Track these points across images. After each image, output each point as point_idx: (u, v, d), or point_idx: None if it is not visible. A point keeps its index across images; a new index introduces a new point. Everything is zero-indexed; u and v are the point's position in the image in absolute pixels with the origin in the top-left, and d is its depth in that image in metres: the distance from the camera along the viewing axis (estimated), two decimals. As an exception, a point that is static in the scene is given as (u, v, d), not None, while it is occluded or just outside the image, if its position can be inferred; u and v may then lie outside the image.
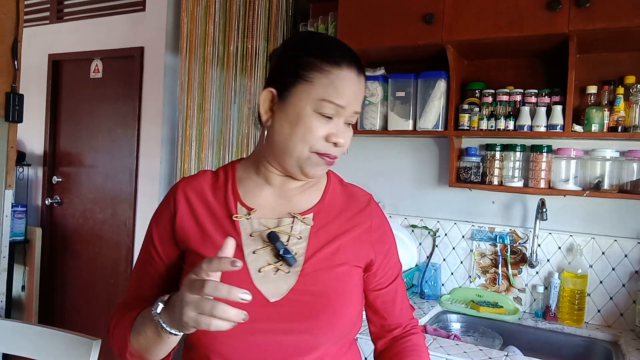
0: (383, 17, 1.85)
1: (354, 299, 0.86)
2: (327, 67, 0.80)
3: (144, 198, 2.89)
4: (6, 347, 1.36)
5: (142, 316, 0.78)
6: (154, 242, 0.88)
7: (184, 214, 0.85)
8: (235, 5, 2.48)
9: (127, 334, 0.79)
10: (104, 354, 1.30)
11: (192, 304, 0.63)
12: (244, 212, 0.85)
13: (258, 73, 2.43)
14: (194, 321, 0.63)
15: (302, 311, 0.79)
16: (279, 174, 0.87)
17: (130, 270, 2.92)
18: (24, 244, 3.26)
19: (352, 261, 0.86)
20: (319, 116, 0.80)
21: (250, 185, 0.88)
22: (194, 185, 0.88)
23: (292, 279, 0.80)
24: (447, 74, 1.89)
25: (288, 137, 0.82)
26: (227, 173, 0.90)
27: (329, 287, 0.82)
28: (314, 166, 0.83)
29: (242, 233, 0.83)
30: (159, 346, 0.74)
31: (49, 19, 3.32)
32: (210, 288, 0.62)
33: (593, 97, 1.75)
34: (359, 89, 0.83)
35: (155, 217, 0.90)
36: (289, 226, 0.85)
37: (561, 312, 1.81)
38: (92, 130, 3.16)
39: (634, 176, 1.68)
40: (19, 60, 2.13)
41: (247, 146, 2.48)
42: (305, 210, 0.87)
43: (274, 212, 0.86)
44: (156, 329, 0.71)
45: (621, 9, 1.48)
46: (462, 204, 2.06)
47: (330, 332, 0.80)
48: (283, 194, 0.88)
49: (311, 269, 0.82)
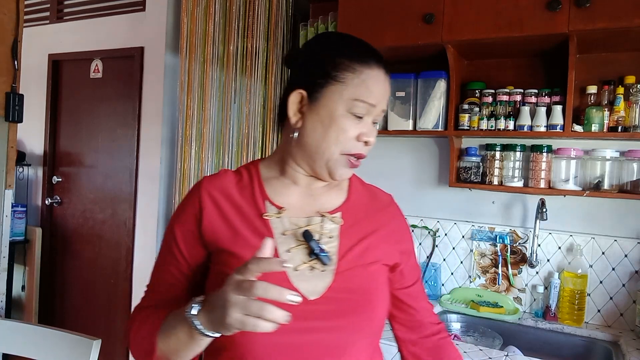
0: (383, 17, 1.85)
1: (386, 296, 0.88)
2: (358, 67, 0.81)
3: (144, 198, 2.89)
4: (6, 347, 1.36)
5: (172, 319, 0.76)
6: (178, 243, 0.85)
7: (210, 213, 0.84)
8: (235, 5, 2.48)
9: (154, 338, 0.76)
10: (104, 354, 1.30)
11: (238, 305, 0.62)
12: (274, 211, 0.84)
13: (258, 73, 2.44)
14: (239, 322, 0.62)
15: (341, 308, 0.79)
16: (305, 174, 0.88)
17: (131, 270, 2.92)
18: (24, 244, 3.26)
19: (382, 260, 0.87)
20: (351, 116, 0.81)
21: (276, 185, 0.88)
22: (218, 184, 0.86)
23: (328, 277, 0.80)
24: (447, 74, 1.89)
25: (321, 139, 0.82)
26: (250, 172, 0.89)
27: (365, 285, 0.83)
28: (342, 168, 0.84)
29: (274, 232, 0.83)
30: (191, 349, 0.73)
31: (49, 19, 3.32)
32: (261, 289, 0.61)
33: (593, 97, 1.75)
34: (386, 88, 0.85)
35: (178, 218, 0.87)
36: (319, 225, 0.85)
37: (561, 312, 1.81)
38: (92, 130, 3.16)
39: (634, 176, 1.68)
40: (19, 60, 2.13)
41: (247, 146, 2.48)
42: (332, 209, 0.88)
43: (303, 211, 0.86)
44: (189, 331, 0.70)
45: (621, 9, 1.48)
46: (462, 204, 2.06)
47: (367, 328, 0.82)
48: (310, 193, 0.89)
49: (345, 268, 0.82)
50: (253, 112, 2.46)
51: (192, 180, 2.61)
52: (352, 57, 0.82)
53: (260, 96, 2.44)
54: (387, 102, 0.87)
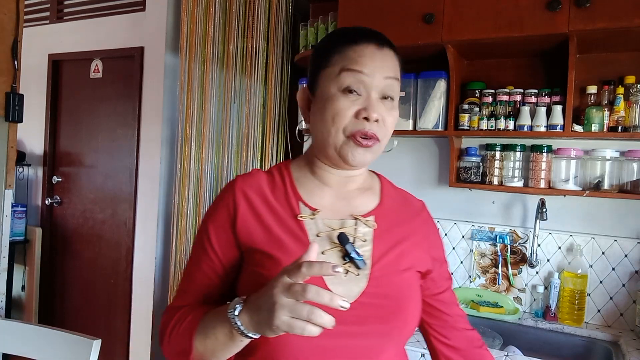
0: (383, 17, 1.85)
1: (419, 303, 0.86)
2: (343, 47, 0.81)
3: (144, 198, 2.89)
4: (6, 347, 1.36)
5: (211, 318, 0.75)
6: (212, 242, 0.84)
7: (245, 213, 0.83)
8: (235, 5, 2.48)
9: (192, 337, 0.75)
10: (104, 354, 1.30)
11: (287, 308, 0.61)
12: (308, 212, 0.84)
13: (258, 73, 2.44)
14: (287, 325, 0.61)
15: (375, 314, 0.78)
16: (333, 172, 0.87)
17: (131, 270, 2.92)
18: (24, 244, 3.26)
19: (415, 266, 0.86)
20: (345, 94, 0.79)
21: (309, 186, 0.87)
22: (252, 184, 0.86)
23: (363, 282, 0.79)
24: (447, 74, 1.89)
25: (322, 126, 0.82)
26: (282, 173, 0.88)
27: (400, 291, 0.82)
28: (351, 150, 0.80)
29: (309, 233, 0.82)
30: (229, 348, 0.73)
31: (49, 19, 3.32)
32: (312, 293, 0.60)
33: (593, 97, 1.75)
34: (381, 57, 0.81)
35: (212, 216, 0.86)
36: (352, 228, 0.84)
37: (561, 312, 1.81)
38: (92, 130, 3.16)
39: (634, 176, 1.68)
40: (19, 60, 2.13)
41: (247, 146, 2.48)
42: (366, 212, 0.87)
43: (336, 213, 0.85)
44: (230, 331, 0.69)
45: (621, 9, 1.48)
46: (462, 204, 2.06)
47: (399, 335, 0.81)
48: (342, 195, 0.88)
49: (379, 273, 0.81)
50: (253, 112, 2.46)
51: (192, 180, 2.61)
52: (338, 41, 0.83)
53: (260, 96, 2.44)
54: (395, 73, 0.82)
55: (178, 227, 2.65)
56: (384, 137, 0.82)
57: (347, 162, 0.82)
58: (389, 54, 0.82)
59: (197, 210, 2.61)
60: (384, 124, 0.81)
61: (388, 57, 0.82)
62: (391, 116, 0.82)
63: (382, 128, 0.81)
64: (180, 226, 2.64)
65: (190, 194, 2.62)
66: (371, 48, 0.81)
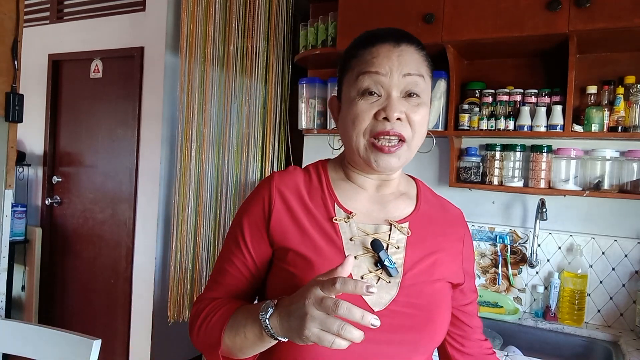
0: (383, 17, 1.85)
1: (448, 314, 0.85)
2: (360, 51, 0.81)
3: (144, 198, 2.89)
4: (6, 347, 1.36)
5: (242, 316, 0.75)
6: (245, 237, 0.84)
7: (280, 212, 0.82)
8: (235, 5, 2.48)
9: (221, 332, 0.76)
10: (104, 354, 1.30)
11: (317, 320, 0.61)
12: (343, 215, 0.83)
13: (258, 73, 2.44)
14: (316, 337, 0.61)
15: (404, 323, 0.78)
16: (367, 176, 0.86)
17: (131, 270, 2.92)
18: (24, 244, 3.26)
19: (447, 277, 0.85)
20: (364, 97, 0.78)
21: (345, 188, 0.86)
22: (289, 182, 0.85)
23: (394, 290, 0.79)
24: (447, 74, 1.89)
25: (345, 131, 0.82)
26: (319, 173, 0.88)
27: (431, 302, 0.81)
28: (373, 154, 0.79)
29: (343, 237, 0.81)
30: (257, 347, 0.73)
31: (49, 19, 3.32)
32: (344, 309, 0.60)
33: (593, 97, 1.75)
34: (398, 55, 0.79)
35: (246, 211, 0.85)
36: (386, 234, 0.83)
37: (561, 312, 1.81)
38: (92, 130, 3.16)
39: (634, 176, 1.68)
40: (19, 60, 2.13)
41: (247, 146, 2.48)
42: (401, 218, 0.85)
43: (371, 217, 0.84)
44: (260, 332, 0.69)
45: (621, 9, 1.48)
46: (462, 204, 2.04)
47: (429, 345, 0.80)
48: (378, 199, 0.87)
49: (411, 282, 0.80)
50: (253, 112, 2.46)
51: (192, 180, 2.61)
52: (356, 45, 0.83)
53: (260, 96, 2.44)
54: (418, 68, 0.80)
55: (178, 227, 2.65)
56: (411, 137, 0.80)
57: (372, 167, 0.81)
58: (408, 50, 0.80)
59: (197, 210, 2.61)
60: (410, 122, 0.79)
61: (406, 53, 0.80)
62: (417, 114, 0.79)
63: (407, 127, 0.79)
64: (180, 226, 2.64)
65: (191, 194, 2.62)
66: (387, 47, 0.79)
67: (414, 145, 0.82)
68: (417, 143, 0.83)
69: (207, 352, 0.79)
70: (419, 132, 0.81)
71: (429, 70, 0.83)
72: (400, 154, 0.80)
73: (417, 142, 0.82)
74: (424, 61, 0.82)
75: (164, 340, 2.87)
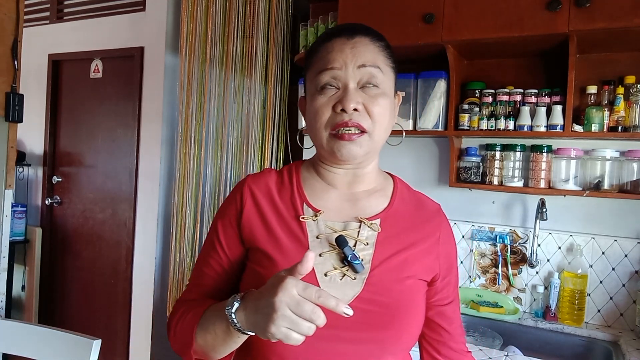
0: (383, 17, 1.85)
1: (420, 314, 0.84)
2: (318, 48, 0.84)
3: (144, 198, 2.89)
4: (6, 347, 1.36)
5: (211, 314, 0.76)
6: (220, 238, 0.86)
7: (250, 211, 0.84)
8: (235, 5, 2.48)
9: (193, 331, 0.76)
10: (104, 354, 1.30)
11: (287, 320, 0.61)
12: (311, 214, 0.83)
13: (258, 73, 2.43)
14: (284, 335, 0.62)
15: (368, 321, 0.77)
16: (338, 172, 0.87)
17: (131, 270, 2.93)
18: (24, 244, 3.26)
19: (419, 275, 0.83)
20: (323, 90, 0.80)
21: (315, 187, 0.87)
22: (260, 183, 0.87)
23: (358, 286, 0.78)
24: (447, 74, 1.89)
25: (310, 126, 0.84)
26: (291, 173, 0.89)
27: (397, 300, 0.79)
28: (337, 145, 0.80)
29: (309, 235, 0.81)
30: (227, 344, 0.73)
31: (49, 19, 3.32)
32: (316, 315, 0.61)
33: (593, 97, 1.75)
34: (350, 47, 0.80)
35: (221, 213, 0.88)
36: (355, 231, 0.82)
37: (561, 312, 1.81)
38: (92, 130, 3.16)
39: (634, 176, 1.68)
40: (19, 60, 2.13)
41: (246, 146, 2.48)
42: (372, 215, 0.85)
43: (340, 215, 0.84)
44: (227, 327, 0.70)
45: (621, 9, 1.48)
46: (462, 204, 2.06)
47: (396, 344, 0.79)
48: (349, 197, 0.87)
49: (377, 278, 0.79)
50: (253, 112, 2.46)
51: (192, 180, 2.61)
52: (316, 43, 0.85)
53: (260, 96, 2.44)
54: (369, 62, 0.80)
55: (178, 227, 2.65)
56: (372, 128, 0.80)
57: (337, 158, 0.82)
58: (362, 41, 0.81)
59: (197, 210, 2.61)
60: (369, 113, 0.79)
61: (360, 45, 0.80)
62: (376, 105, 0.79)
63: (366, 118, 0.79)
64: (180, 226, 2.64)
65: (190, 194, 2.62)
66: (341, 40, 0.81)
67: (376, 136, 0.81)
68: (380, 133, 0.82)
69: (182, 352, 0.80)
70: (379, 123, 0.80)
71: (388, 61, 0.83)
72: (362, 143, 0.80)
73: (379, 133, 0.81)
74: (380, 52, 0.82)
75: (164, 340, 2.87)
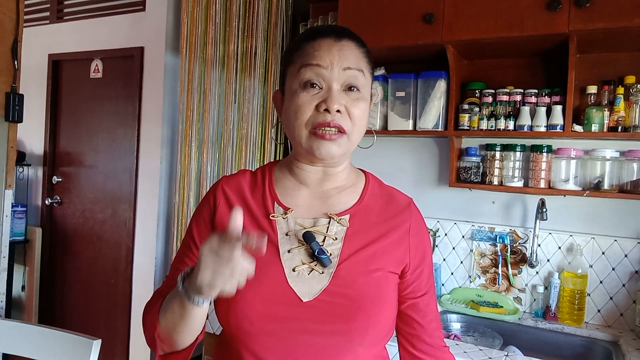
0: (383, 17, 1.85)
1: (389, 305, 0.84)
2: (302, 44, 0.83)
3: (144, 198, 2.89)
4: (6, 347, 1.36)
5: (170, 295, 0.79)
6: (194, 237, 0.89)
7: (223, 211, 0.86)
8: (235, 5, 2.48)
9: (157, 315, 0.79)
10: (104, 354, 1.30)
11: (211, 267, 0.66)
12: (281, 212, 0.85)
13: (258, 73, 2.43)
14: (211, 283, 0.66)
15: (334, 313, 0.78)
16: (310, 170, 0.88)
17: (131, 270, 2.92)
18: (24, 244, 3.26)
19: (388, 267, 0.84)
20: (306, 88, 0.80)
21: (287, 186, 0.89)
22: (233, 184, 0.89)
23: (325, 280, 0.80)
24: (447, 74, 1.89)
25: (288, 123, 0.83)
26: (264, 173, 0.91)
27: (364, 291, 0.80)
28: (316, 144, 0.80)
29: (279, 232, 0.83)
30: (185, 319, 0.74)
31: (49, 19, 3.32)
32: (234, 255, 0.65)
33: (593, 97, 1.75)
34: (339, 49, 0.81)
35: (196, 214, 0.91)
36: (324, 226, 0.84)
37: (561, 312, 1.81)
38: (92, 130, 3.16)
39: (634, 176, 1.68)
40: (19, 60, 2.13)
41: (246, 146, 2.48)
42: (342, 211, 0.86)
43: (310, 212, 0.86)
44: (181, 300, 0.72)
45: (621, 9, 1.48)
46: (462, 204, 2.06)
47: (364, 336, 0.79)
48: (320, 194, 0.88)
49: (345, 272, 0.81)
50: (253, 112, 2.46)
51: (192, 180, 2.62)
52: (299, 39, 0.85)
53: (260, 96, 2.44)
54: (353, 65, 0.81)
55: (178, 227, 2.65)
56: (351, 130, 0.81)
57: (315, 157, 0.82)
58: (349, 44, 0.82)
59: (197, 210, 2.61)
60: (350, 116, 0.80)
61: (347, 48, 0.82)
62: (357, 108, 0.81)
63: (347, 120, 0.80)
64: (181, 226, 2.64)
65: (191, 194, 2.62)
66: (329, 41, 0.81)
67: (353, 138, 0.83)
68: (357, 136, 0.84)
69: (150, 341, 0.83)
70: (358, 126, 0.83)
71: (369, 67, 0.86)
72: (341, 143, 0.81)
73: (356, 135, 0.84)
74: (364, 57, 0.84)
75: (164, 340, 2.86)
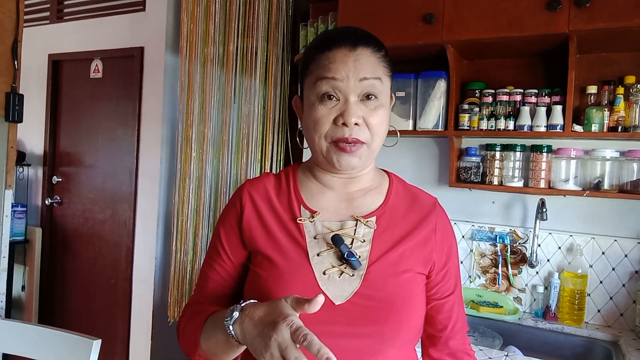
0: (383, 17, 1.85)
1: (419, 306, 0.84)
2: (318, 55, 0.83)
3: (144, 198, 2.89)
4: (6, 347, 1.36)
5: (213, 321, 0.78)
6: (223, 242, 0.89)
7: (250, 215, 0.86)
8: (235, 5, 2.48)
9: (198, 336, 0.79)
10: (104, 354, 1.30)
11: (275, 357, 0.63)
12: (308, 215, 0.85)
13: (258, 73, 2.43)
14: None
15: (367, 316, 0.78)
16: (333, 175, 0.88)
17: (131, 270, 2.92)
18: (24, 244, 3.26)
19: (416, 268, 0.84)
20: (323, 101, 0.80)
21: (312, 189, 0.89)
22: (259, 187, 0.89)
23: (356, 282, 0.80)
24: (447, 74, 1.88)
25: (307, 133, 0.84)
26: (288, 176, 0.91)
27: (395, 293, 0.80)
28: (337, 156, 0.81)
29: (307, 236, 0.83)
30: (228, 352, 0.76)
31: (49, 19, 3.32)
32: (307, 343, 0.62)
33: (593, 97, 1.75)
34: (354, 60, 0.80)
35: (222, 219, 0.91)
36: (352, 229, 0.84)
37: (561, 312, 1.81)
38: (92, 130, 3.16)
39: (634, 176, 1.67)
40: (19, 60, 2.13)
41: (246, 146, 2.48)
42: (368, 213, 0.86)
43: (337, 215, 0.86)
44: (227, 336, 0.72)
45: (621, 9, 1.48)
46: (462, 204, 2.06)
47: (395, 338, 0.79)
48: (345, 197, 0.88)
49: (375, 273, 0.81)
50: (253, 112, 2.46)
51: (192, 181, 2.61)
52: (314, 48, 0.84)
53: (260, 96, 2.44)
54: (374, 72, 0.81)
55: (178, 227, 2.65)
56: (370, 139, 0.82)
57: (336, 167, 0.83)
58: (364, 53, 0.81)
59: (197, 210, 2.61)
60: (368, 126, 0.81)
61: (362, 57, 0.81)
62: (375, 117, 0.81)
63: (366, 131, 0.81)
64: (181, 226, 2.64)
65: (191, 194, 2.62)
66: (343, 51, 0.80)
67: (374, 146, 0.84)
68: (378, 143, 0.84)
69: (188, 354, 0.83)
70: (377, 134, 0.83)
71: (387, 71, 0.85)
72: (361, 154, 0.82)
73: (377, 143, 0.84)
74: (380, 63, 0.84)
75: (164, 340, 2.87)
